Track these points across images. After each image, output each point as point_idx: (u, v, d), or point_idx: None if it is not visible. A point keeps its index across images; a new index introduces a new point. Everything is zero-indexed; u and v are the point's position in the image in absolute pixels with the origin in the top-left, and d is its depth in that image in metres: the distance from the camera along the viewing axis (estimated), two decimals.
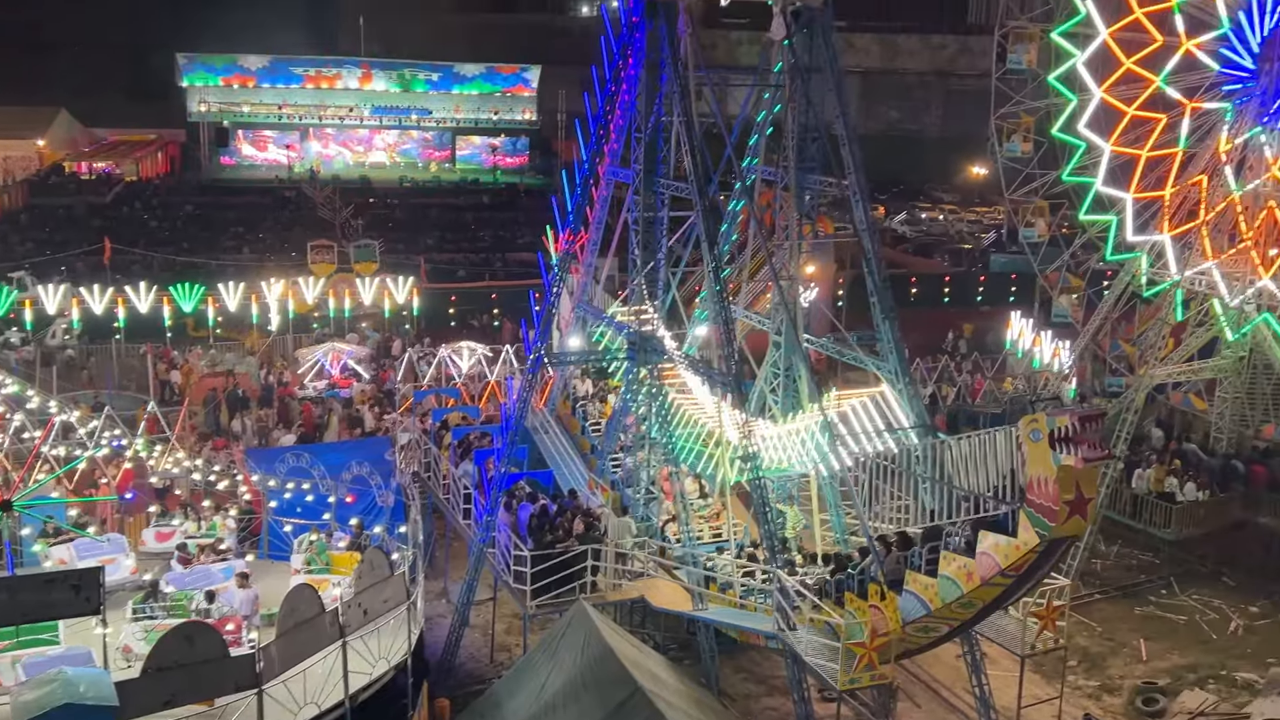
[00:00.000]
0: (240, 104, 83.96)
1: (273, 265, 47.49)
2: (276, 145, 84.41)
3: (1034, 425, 15.55)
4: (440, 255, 56.37)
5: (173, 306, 40.37)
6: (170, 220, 62.75)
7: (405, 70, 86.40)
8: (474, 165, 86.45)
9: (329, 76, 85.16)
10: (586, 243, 26.04)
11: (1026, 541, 15.80)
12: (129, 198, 67.85)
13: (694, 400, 23.22)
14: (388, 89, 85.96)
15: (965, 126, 79.62)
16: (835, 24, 22.25)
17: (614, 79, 23.48)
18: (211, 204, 68.10)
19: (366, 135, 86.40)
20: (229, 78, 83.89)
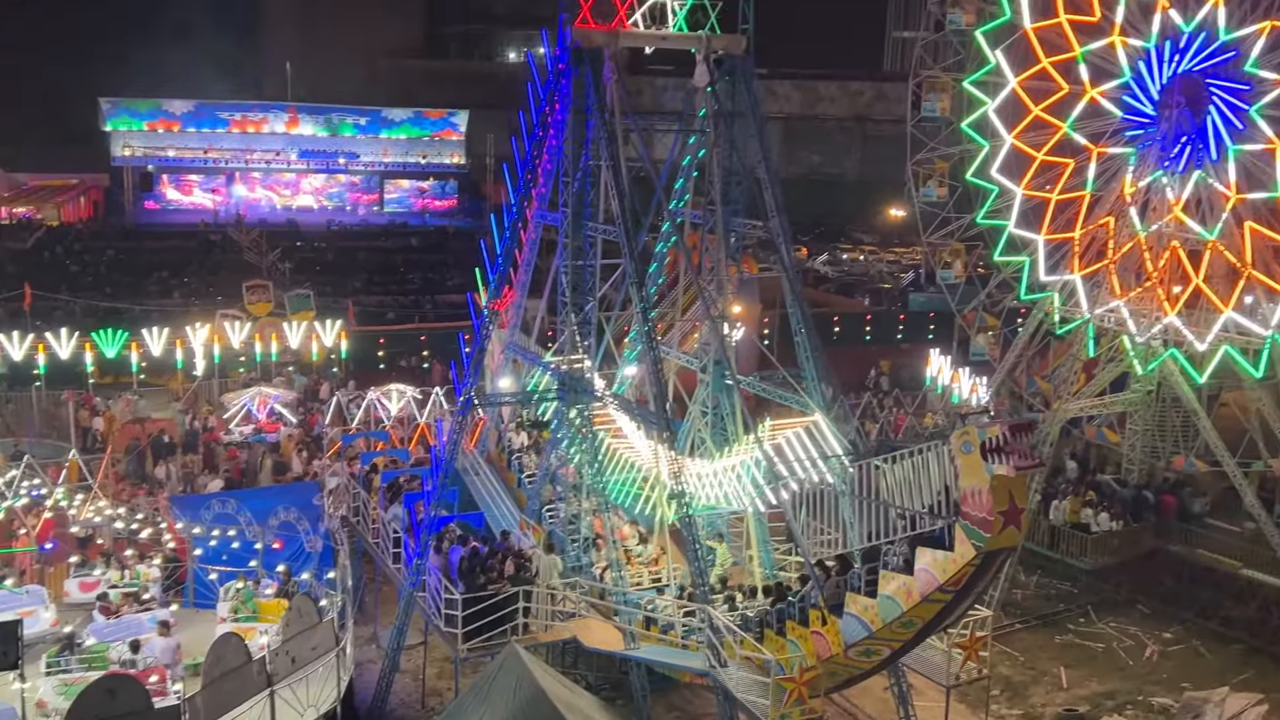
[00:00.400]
0: (165, 148, 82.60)
1: (198, 310, 46.54)
2: (202, 189, 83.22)
3: (966, 438, 15.61)
4: (369, 298, 55.83)
5: (95, 353, 39.32)
6: (93, 265, 61.36)
7: (333, 114, 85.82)
8: (403, 208, 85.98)
9: (255, 120, 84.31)
10: (516, 286, 25.98)
11: (964, 554, 15.82)
12: (50, 243, 66.19)
13: (629, 444, 23.15)
14: (315, 133, 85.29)
15: (883, 170, 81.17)
16: (756, 71, 22.67)
17: (541, 124, 23.55)
18: (135, 249, 66.70)
19: (294, 179, 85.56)
20: (153, 122, 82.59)
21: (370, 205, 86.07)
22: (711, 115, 22.57)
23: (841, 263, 75.84)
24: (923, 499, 16.85)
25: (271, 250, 56.33)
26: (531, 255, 25.87)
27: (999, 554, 16.07)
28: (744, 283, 35.94)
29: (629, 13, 21.94)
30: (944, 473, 16.37)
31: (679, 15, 22.13)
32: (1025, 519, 16.10)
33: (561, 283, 22.72)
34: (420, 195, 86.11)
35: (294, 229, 74.91)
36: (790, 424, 21.11)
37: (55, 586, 23.30)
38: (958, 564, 15.92)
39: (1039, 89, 30.64)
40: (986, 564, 16.07)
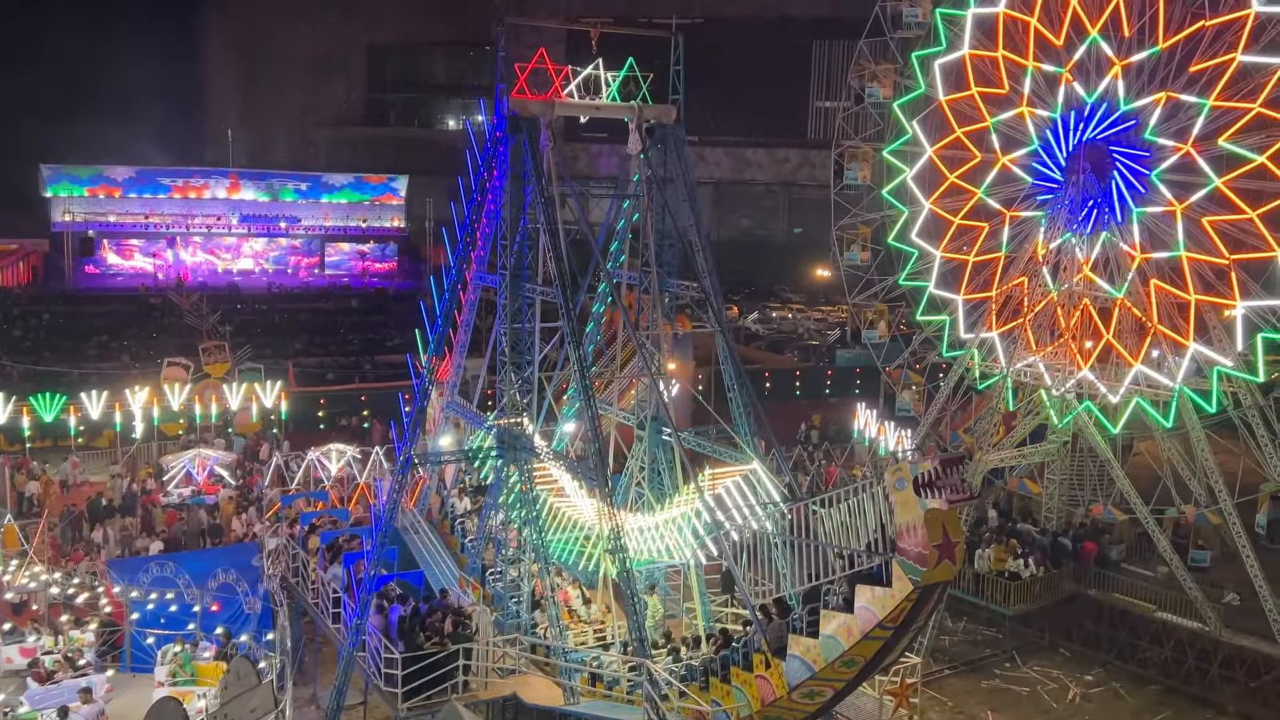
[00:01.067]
0: (106, 213, 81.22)
1: (138, 373, 45.56)
2: (143, 254, 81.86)
3: (899, 474, 15.66)
4: (309, 359, 55.19)
5: (32, 417, 38.28)
6: (32, 330, 59.93)
7: (274, 180, 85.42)
8: (343, 271, 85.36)
9: (197, 186, 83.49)
10: (456, 346, 25.84)
11: (901, 589, 15.82)
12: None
13: (570, 503, 22.99)
14: (256, 198, 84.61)
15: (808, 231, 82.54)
16: (687, 139, 22.98)
17: (480, 189, 23.59)
18: (75, 313, 65.35)
19: (235, 243, 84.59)
20: (95, 188, 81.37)
21: (311, 268, 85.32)
22: (645, 181, 22.81)
23: (771, 320, 76.68)
24: (859, 539, 16.86)
25: (212, 313, 55.49)
26: (470, 316, 25.79)
27: (935, 587, 16.12)
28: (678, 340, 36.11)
29: (564, 83, 22.16)
30: (879, 511, 16.39)
31: (612, 86, 22.40)
32: (960, 551, 16.05)
33: (501, 343, 22.65)
34: (361, 258, 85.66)
35: (235, 292, 74.01)
36: (729, 472, 21.13)
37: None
38: (896, 599, 15.94)
39: (954, 157, 31.56)
40: (924, 598, 16.10)
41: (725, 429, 22.55)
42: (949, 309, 32.40)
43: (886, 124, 32.30)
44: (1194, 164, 28.07)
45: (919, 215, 31.86)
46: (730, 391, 22.48)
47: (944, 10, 31.55)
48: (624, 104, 22.35)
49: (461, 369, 26.61)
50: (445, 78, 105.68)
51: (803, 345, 66.83)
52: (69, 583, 23.57)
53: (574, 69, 22.19)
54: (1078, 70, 29.97)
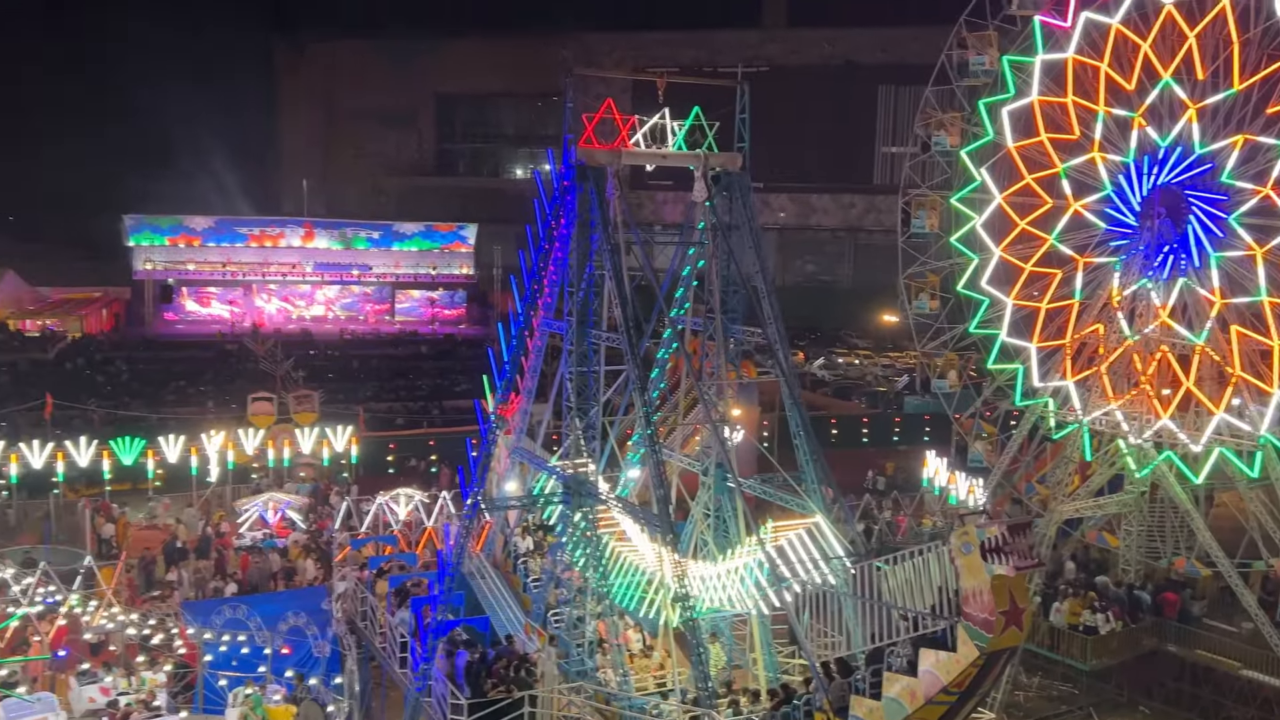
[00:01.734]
0: (185, 262, 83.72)
1: (213, 418, 46.58)
2: (220, 301, 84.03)
3: (965, 538, 15.55)
4: (379, 404, 55.91)
5: (113, 460, 39.28)
6: (113, 375, 61.61)
7: (347, 228, 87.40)
8: (413, 317, 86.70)
9: (273, 235, 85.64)
10: (523, 392, 26.05)
11: (967, 655, 15.64)
12: (72, 354, 66.64)
13: (633, 547, 22.95)
14: (330, 246, 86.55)
15: (875, 277, 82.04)
16: (752, 185, 23.05)
17: (547, 237, 23.87)
18: (154, 359, 67.10)
19: (309, 290, 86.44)
20: (175, 237, 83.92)
21: (382, 315, 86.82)
22: (710, 227, 22.91)
23: (837, 367, 76.12)
24: (924, 599, 16.65)
25: (286, 359, 56.62)
26: (537, 362, 25.96)
27: (1002, 654, 15.89)
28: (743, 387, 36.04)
29: (630, 132, 22.40)
30: (944, 573, 16.21)
31: (678, 135, 22.59)
32: (1027, 618, 15.89)
33: (566, 388, 22.81)
34: (430, 305, 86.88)
35: (308, 338, 75.42)
36: (791, 525, 20.94)
37: (63, 693, 22.86)
38: (961, 664, 15.71)
39: (1024, 204, 31.22)
40: (990, 664, 15.86)
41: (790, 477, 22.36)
42: (1021, 357, 31.88)
43: (954, 171, 32.10)
44: (1274, 206, 27.48)
45: (989, 262, 31.51)
46: (796, 438, 22.31)
47: (1011, 57, 31.42)
48: (690, 152, 22.50)
49: (528, 414, 26.78)
50: (514, 128, 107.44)
51: (870, 392, 66.18)
52: (145, 624, 24.01)
53: (640, 118, 22.44)
54: (1150, 114, 29.60)
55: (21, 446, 38.72)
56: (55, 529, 36.04)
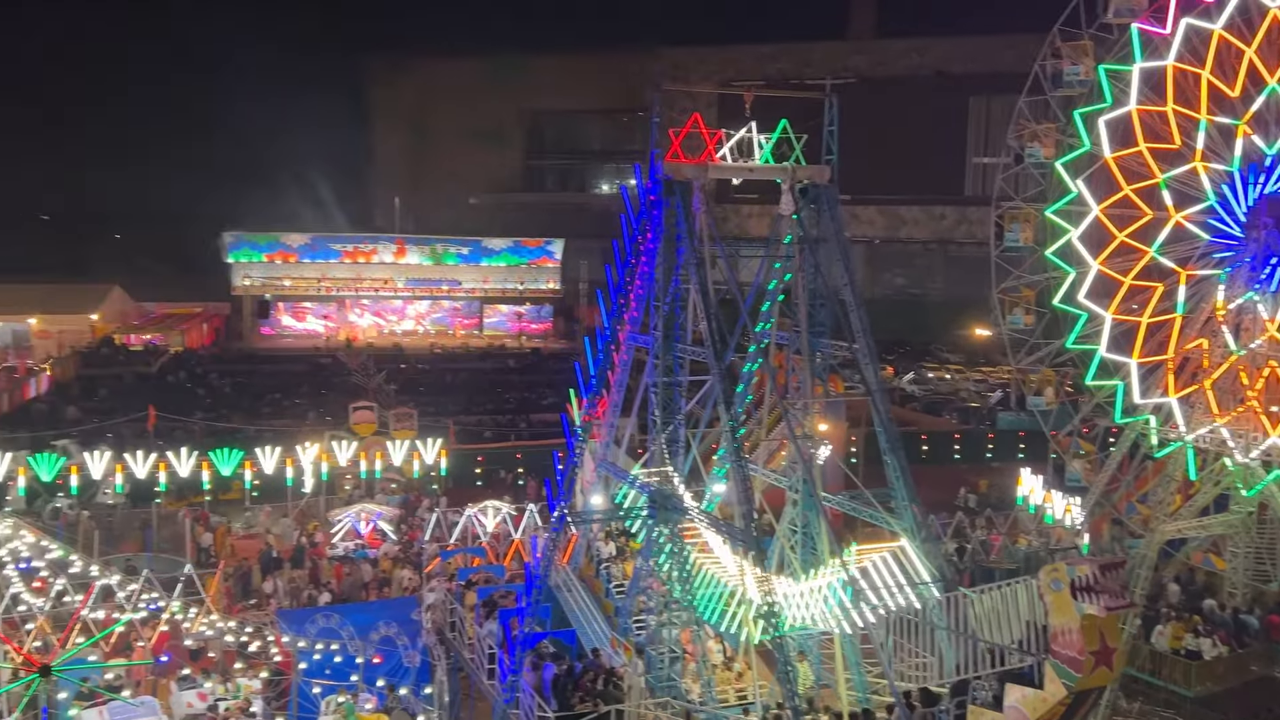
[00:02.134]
0: (282, 278, 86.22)
1: (308, 429, 47.72)
2: (315, 316, 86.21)
3: (1055, 575, 15.40)
4: (468, 417, 56.69)
5: (212, 471, 40.48)
6: (213, 388, 63.52)
7: (437, 244, 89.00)
8: (501, 331, 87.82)
9: (365, 251, 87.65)
10: (608, 405, 26.19)
11: (1054, 693, 15.47)
12: (174, 367, 68.92)
13: (715, 559, 22.90)
14: (420, 262, 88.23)
15: (967, 290, 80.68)
16: (840, 198, 22.87)
17: (634, 252, 24.00)
18: (252, 372, 69.07)
19: (400, 305, 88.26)
20: (272, 254, 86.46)
21: (470, 329, 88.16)
22: (797, 241, 22.80)
23: (928, 381, 74.93)
24: (1011, 632, 16.42)
25: (378, 372, 57.80)
26: (623, 376, 26.05)
27: (1090, 693, 15.74)
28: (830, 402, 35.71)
29: (717, 146, 22.43)
30: (1033, 607, 15.99)
31: (765, 148, 22.55)
32: (1119, 659, 15.72)
33: (652, 402, 22.87)
34: (518, 319, 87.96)
35: (399, 352, 76.85)
36: (876, 548, 20.70)
37: (164, 698, 23.60)
38: (1048, 703, 15.59)
39: (1122, 215, 30.34)
40: (1077, 703, 15.69)
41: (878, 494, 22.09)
42: (1121, 373, 30.95)
43: (1049, 183, 31.38)
44: None
45: (1086, 276, 30.67)
46: (885, 454, 22.03)
47: (1108, 66, 30.67)
48: (777, 165, 22.44)
49: (614, 428, 26.91)
50: (600, 143, 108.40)
51: (962, 407, 65.00)
52: (242, 631, 24.68)
53: (727, 132, 22.45)
54: (1256, 122, 28.67)
55: (126, 457, 40.14)
56: (156, 537, 37.20)
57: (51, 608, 24.09)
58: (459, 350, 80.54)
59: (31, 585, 24.24)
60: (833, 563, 20.69)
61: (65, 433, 47.06)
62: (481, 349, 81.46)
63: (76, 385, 62.74)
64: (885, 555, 20.33)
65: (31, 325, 74.69)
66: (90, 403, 57.11)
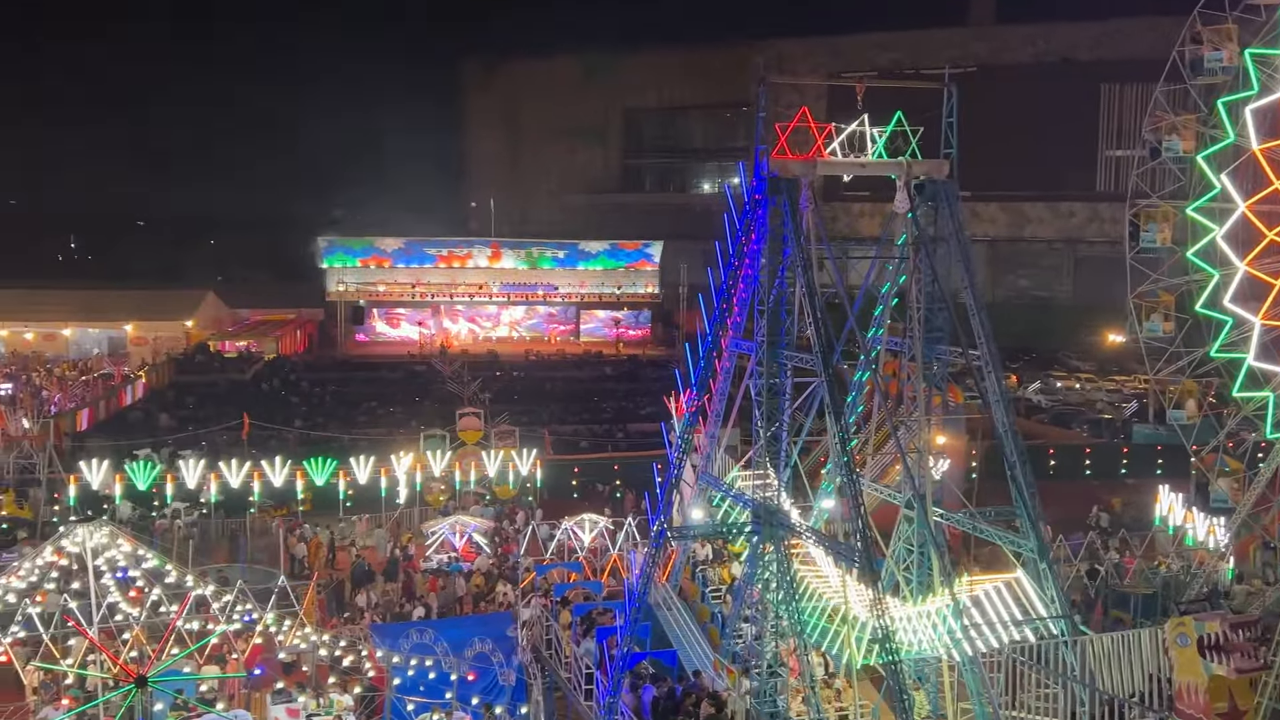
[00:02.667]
0: (376, 283, 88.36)
1: (404, 438, 48.66)
2: (409, 322, 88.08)
3: (1181, 629, 15.07)
4: (563, 427, 57.15)
5: (306, 480, 41.57)
6: (307, 396, 65.20)
7: (533, 248, 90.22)
8: (598, 338, 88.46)
9: (460, 256, 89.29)
10: (710, 415, 26.11)
11: None
12: (268, 375, 70.96)
13: (818, 572, 22.68)
14: (516, 266, 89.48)
15: (1098, 292, 78.42)
16: (960, 194, 22.42)
17: (737, 253, 23.87)
18: (346, 379, 70.71)
19: (494, 311, 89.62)
20: (366, 259, 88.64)
21: (567, 335, 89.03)
22: (912, 241, 22.48)
23: (1056, 391, 72.99)
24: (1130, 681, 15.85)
25: (473, 380, 58.67)
26: (725, 385, 25.91)
27: None
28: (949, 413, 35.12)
29: (826, 141, 22.22)
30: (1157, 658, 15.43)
31: (879, 143, 22.26)
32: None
33: (755, 412, 22.74)
34: (615, 325, 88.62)
35: (494, 359, 77.90)
36: (990, 578, 20.21)
37: (258, 711, 24.25)
38: None
39: (1272, 213, 29.13)
40: None
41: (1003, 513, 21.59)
42: (1273, 383, 29.72)
43: (1189, 179, 30.25)
44: None
45: (1232, 278, 29.47)
46: (1010, 471, 21.53)
47: (1255, 50, 29.49)
48: (891, 160, 22.16)
49: (716, 439, 26.81)
50: (702, 141, 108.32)
51: (1093, 419, 63.16)
52: (336, 644, 25.22)
53: (837, 126, 22.23)
54: None
55: (221, 466, 41.48)
56: (250, 548, 38.31)
57: (147, 618, 24.94)
58: (555, 357, 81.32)
59: (128, 595, 25.13)
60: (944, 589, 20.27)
61: (161, 440, 48.78)
62: (578, 356, 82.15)
63: (171, 392, 65.00)
64: (999, 586, 19.87)
65: (127, 332, 77.99)
66: (185, 410, 59.14)
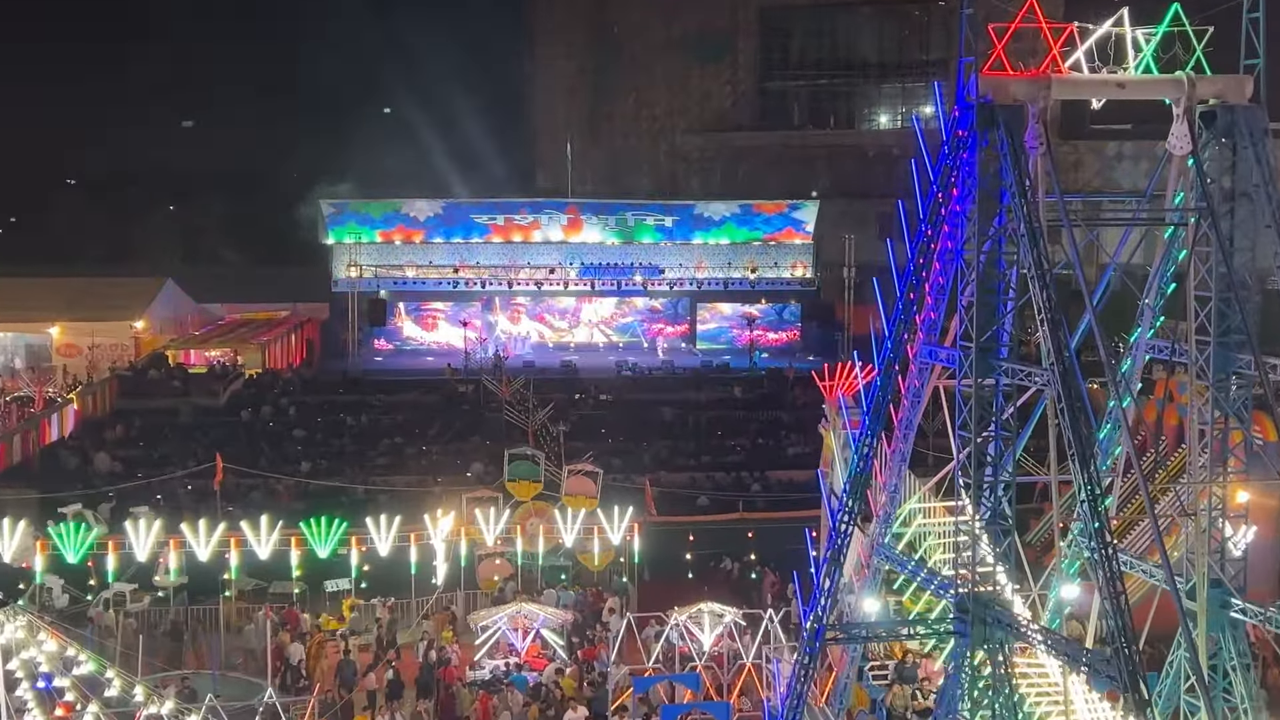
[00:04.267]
0: (403, 266, 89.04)
1: (441, 490, 48.91)
2: (450, 322, 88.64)
3: None
4: (673, 474, 56.90)
5: (303, 550, 41.95)
6: (306, 429, 65.93)
7: (628, 213, 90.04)
8: (723, 344, 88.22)
9: (523, 225, 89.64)
10: (892, 456, 25.83)
11: None
12: (249, 398, 71.84)
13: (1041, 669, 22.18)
14: (604, 239, 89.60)
15: None
16: (1269, 127, 22.01)
17: (930, 217, 23.68)
18: (359, 405, 71.26)
19: (573, 305, 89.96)
20: (389, 231, 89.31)
21: (677, 340, 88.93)
22: (1196, 198, 22.28)
23: None
24: None
25: (541, 406, 58.75)
26: (914, 415, 25.71)
27: None
28: (1252, 455, 34.14)
29: (1066, 50, 21.91)
30: None
31: (1144, 51, 21.91)
32: None
33: (958, 455, 22.33)
34: (747, 325, 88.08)
35: (572, 375, 78.03)
36: None
37: None
38: None
39: None
40: None
41: None
42: None
43: None
44: None
45: None
46: None
47: None
48: (1165, 77, 22.04)
49: (898, 494, 26.57)
50: (876, 53, 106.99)
51: None
52: None
53: (1081, 27, 22.09)
54: None
55: (184, 530, 42.07)
56: (224, 648, 38.78)
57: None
58: (660, 372, 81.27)
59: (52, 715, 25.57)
60: None
61: (100, 493, 49.69)
62: (693, 371, 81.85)
63: (114, 423, 66.15)
64: None
65: (52, 336, 79.20)
66: (132, 449, 60.20)
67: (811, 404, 60.01)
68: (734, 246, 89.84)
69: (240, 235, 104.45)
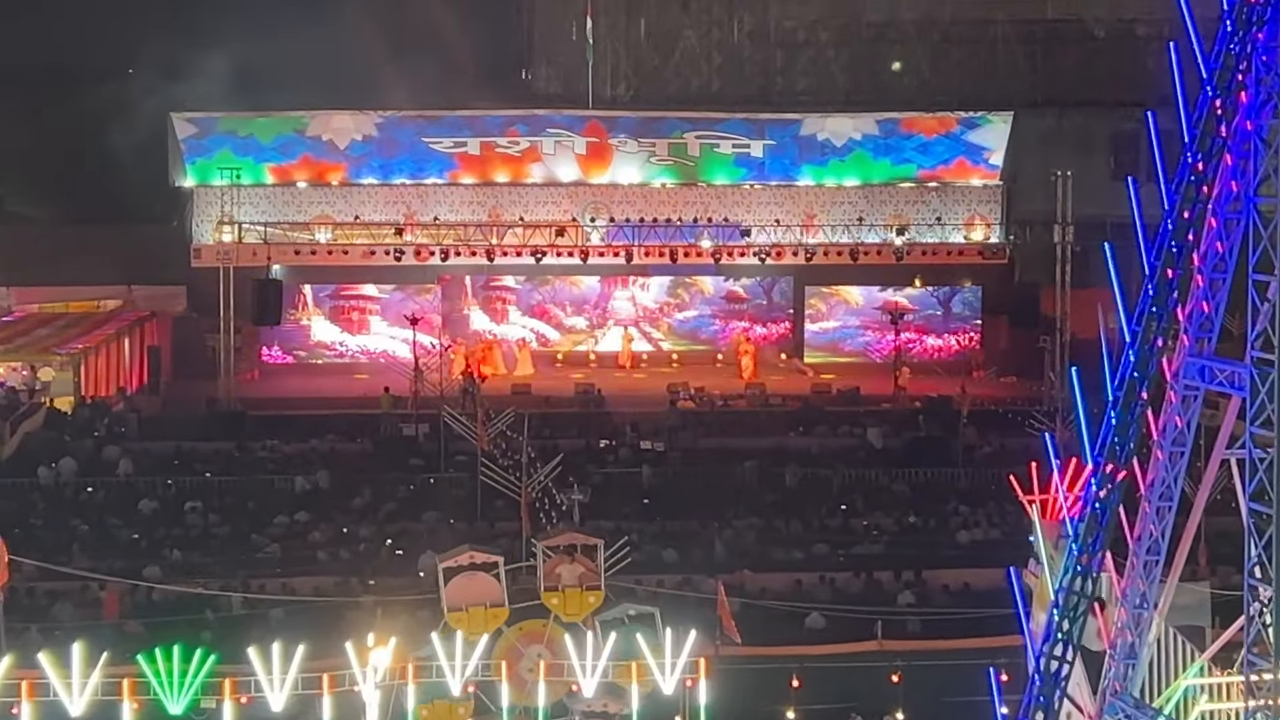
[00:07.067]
0: (311, 225, 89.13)
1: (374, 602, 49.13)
2: (389, 318, 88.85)
3: None
4: (765, 575, 57.12)
5: (141, 703, 42.17)
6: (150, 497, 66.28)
7: (689, 132, 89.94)
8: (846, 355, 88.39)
9: (514, 156, 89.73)
10: (1139, 545, 25.87)
11: None
12: (53, 446, 72.43)
13: None
14: (647, 180, 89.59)
15: None
16: None
17: (1200, 142, 23.77)
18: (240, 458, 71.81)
19: (596, 292, 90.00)
20: (287, 165, 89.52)
21: (770, 345, 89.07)
22: None
23: None
24: None
25: (544, 459, 59.02)
26: (1175, 467, 25.73)
27: None
28: None
29: None
30: None
31: None
32: None
33: (1249, 524, 22.51)
34: (893, 322, 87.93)
35: (596, 407, 78.38)
36: None
37: None
38: None
39: None
40: None
41: None
42: None
43: None
44: None
45: None
46: None
47: None
48: None
49: (1151, 602, 26.58)
50: None
51: None
52: None
53: None
54: None
55: None
56: None
57: None
58: (738, 399, 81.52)
59: None
60: None
61: None
62: (800, 401, 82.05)
63: None
64: None
65: None
66: None
67: (1000, 458, 59.90)
68: (864, 190, 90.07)
69: (38, 173, 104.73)
